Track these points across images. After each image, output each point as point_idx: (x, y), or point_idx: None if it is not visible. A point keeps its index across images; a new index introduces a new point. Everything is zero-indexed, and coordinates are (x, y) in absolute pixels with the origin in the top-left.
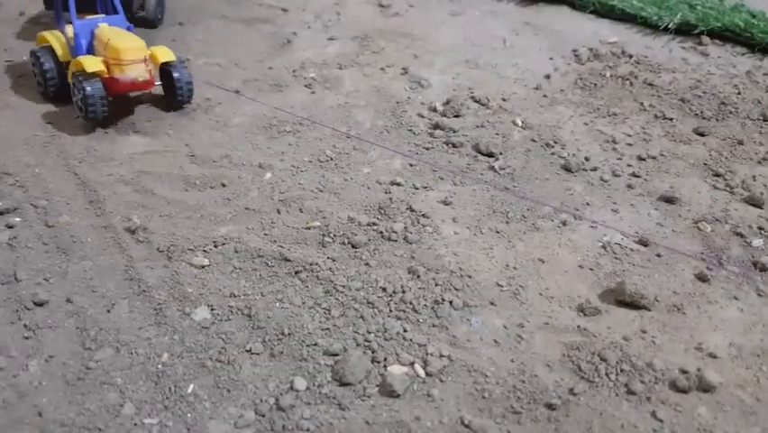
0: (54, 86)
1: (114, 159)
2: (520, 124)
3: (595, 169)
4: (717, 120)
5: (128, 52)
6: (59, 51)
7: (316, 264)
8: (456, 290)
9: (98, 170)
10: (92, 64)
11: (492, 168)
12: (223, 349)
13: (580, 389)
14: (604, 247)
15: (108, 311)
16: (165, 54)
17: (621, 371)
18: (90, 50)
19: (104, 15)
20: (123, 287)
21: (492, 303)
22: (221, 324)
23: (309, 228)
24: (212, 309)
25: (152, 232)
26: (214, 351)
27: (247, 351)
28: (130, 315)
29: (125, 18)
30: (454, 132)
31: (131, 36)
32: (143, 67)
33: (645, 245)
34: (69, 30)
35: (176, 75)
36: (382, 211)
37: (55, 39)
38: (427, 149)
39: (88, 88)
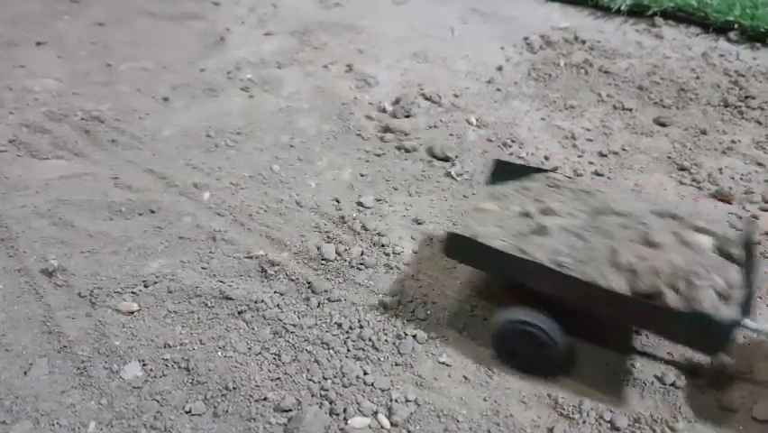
0: None
1: (29, 187)
2: (475, 122)
3: (555, 168)
4: (678, 108)
5: None
6: None
7: (262, 302)
8: (420, 320)
9: (10, 202)
10: None
11: (449, 174)
12: (158, 413)
13: (559, 429)
14: None
15: (25, 373)
16: None
17: None
18: None
19: None
20: (41, 342)
21: (460, 332)
22: (155, 382)
23: (252, 257)
24: (144, 365)
25: (72, 273)
26: (149, 415)
27: (186, 412)
28: (50, 377)
29: None
30: (406, 135)
31: None
32: None
33: None
34: None
35: None
36: (333, 233)
37: None
38: (378, 155)
39: None
